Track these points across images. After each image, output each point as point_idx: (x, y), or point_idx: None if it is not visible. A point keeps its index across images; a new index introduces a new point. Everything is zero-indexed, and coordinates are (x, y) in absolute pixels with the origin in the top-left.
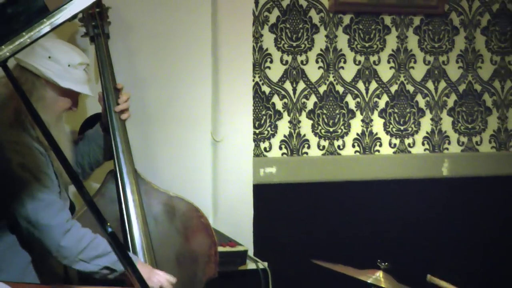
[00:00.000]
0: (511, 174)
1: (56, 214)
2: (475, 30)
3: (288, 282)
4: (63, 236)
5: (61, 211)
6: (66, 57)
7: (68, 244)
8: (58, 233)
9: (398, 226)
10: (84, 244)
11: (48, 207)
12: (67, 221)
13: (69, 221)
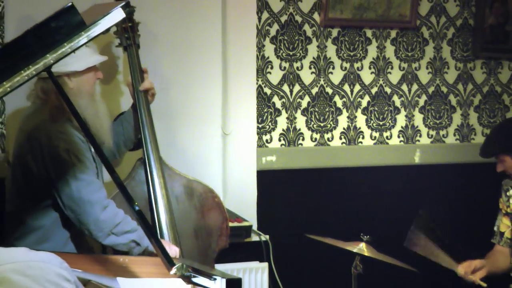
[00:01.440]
0: (472, 162)
1: (96, 191)
2: (442, 41)
3: (286, 252)
4: (102, 211)
5: (100, 189)
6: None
7: (106, 218)
8: (97, 208)
9: (378, 205)
10: (119, 219)
11: (89, 185)
12: (105, 198)
13: (107, 199)
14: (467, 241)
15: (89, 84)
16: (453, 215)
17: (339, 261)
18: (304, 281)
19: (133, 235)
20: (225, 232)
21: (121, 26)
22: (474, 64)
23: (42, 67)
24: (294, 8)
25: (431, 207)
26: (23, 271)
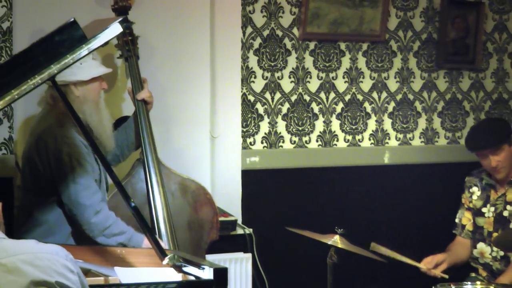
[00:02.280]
0: (435, 162)
1: (91, 196)
2: (409, 53)
3: (268, 244)
4: (94, 215)
5: (95, 194)
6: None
7: (97, 221)
8: (90, 211)
9: (350, 202)
10: (108, 223)
11: (86, 190)
12: (99, 202)
13: (101, 202)
14: (431, 233)
15: (94, 93)
16: (418, 210)
17: (316, 252)
18: (284, 270)
19: (121, 237)
20: (216, 225)
21: (122, 39)
22: (438, 74)
23: (46, 77)
24: (275, 23)
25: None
26: (32, 262)
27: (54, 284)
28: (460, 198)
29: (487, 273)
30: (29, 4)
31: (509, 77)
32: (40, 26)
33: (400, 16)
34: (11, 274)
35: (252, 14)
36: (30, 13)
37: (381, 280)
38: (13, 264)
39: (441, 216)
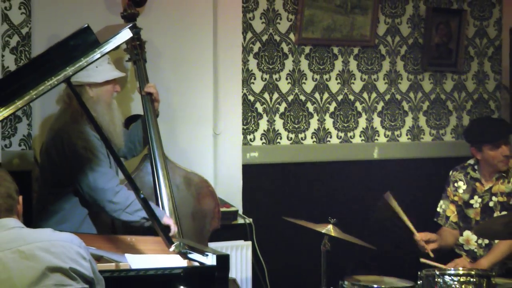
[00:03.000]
0: (421, 157)
1: (109, 180)
2: (396, 57)
3: (267, 233)
4: (114, 196)
5: (112, 179)
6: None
7: (118, 200)
8: (110, 193)
9: (343, 193)
10: (129, 201)
11: (103, 176)
12: (117, 185)
13: (118, 185)
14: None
15: (107, 94)
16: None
17: (311, 240)
18: (282, 257)
19: (143, 212)
20: (217, 215)
21: (131, 44)
22: (423, 76)
23: (62, 78)
24: (273, 29)
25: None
26: (48, 249)
27: (68, 270)
28: (443, 190)
29: (470, 260)
30: (46, 11)
31: (489, 79)
32: (56, 32)
33: (389, 22)
34: (28, 260)
35: (252, 21)
36: (47, 19)
37: (370, 266)
38: (30, 251)
39: (425, 206)
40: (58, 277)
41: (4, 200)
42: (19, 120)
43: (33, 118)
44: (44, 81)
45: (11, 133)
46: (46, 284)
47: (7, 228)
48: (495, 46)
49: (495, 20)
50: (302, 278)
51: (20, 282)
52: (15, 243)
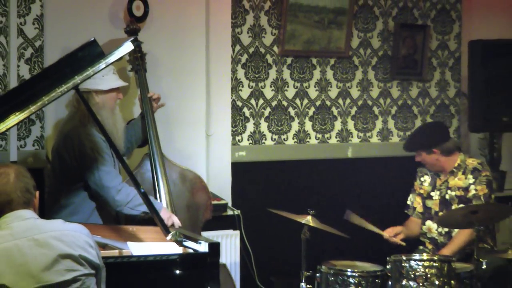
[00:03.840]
0: (390, 156)
1: (113, 179)
2: (368, 67)
3: (253, 223)
4: (117, 193)
5: (116, 177)
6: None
7: (120, 198)
8: (113, 191)
9: (320, 188)
10: (130, 197)
11: (108, 174)
12: (119, 183)
13: (121, 183)
14: (387, 213)
15: (111, 101)
16: (375, 195)
17: (292, 229)
18: (266, 244)
19: (143, 207)
20: (209, 207)
21: (133, 55)
22: (392, 84)
23: (71, 86)
24: (259, 42)
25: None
26: (60, 238)
27: (77, 257)
28: (410, 185)
29: (432, 246)
30: (57, 26)
31: (450, 87)
32: (66, 44)
33: (361, 36)
34: (42, 247)
35: (240, 35)
36: (58, 33)
37: (345, 253)
38: (44, 239)
39: (394, 200)
40: (68, 263)
41: (23, 194)
42: (33, 123)
43: (46, 121)
44: (55, 88)
45: (25, 135)
46: (58, 269)
47: (24, 219)
48: (455, 57)
49: (455, 34)
50: (284, 263)
51: (35, 267)
52: (30, 232)
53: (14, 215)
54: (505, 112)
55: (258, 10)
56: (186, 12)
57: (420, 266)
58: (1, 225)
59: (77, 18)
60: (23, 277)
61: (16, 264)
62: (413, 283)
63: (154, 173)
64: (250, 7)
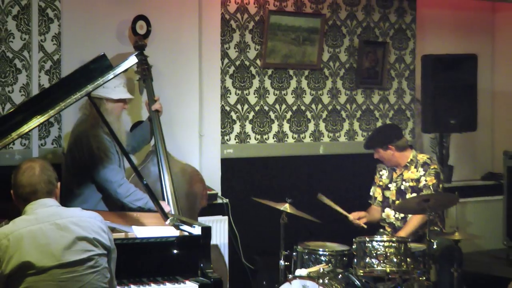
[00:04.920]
0: (355, 153)
1: (115, 175)
2: (337, 77)
3: (239, 210)
4: (118, 187)
5: (118, 173)
6: (111, 83)
7: (121, 192)
8: (115, 185)
9: (296, 179)
10: (129, 192)
11: (111, 171)
12: (121, 179)
13: (123, 179)
14: (353, 202)
15: (118, 109)
16: (343, 187)
17: (272, 215)
18: (250, 228)
19: (139, 202)
20: (205, 196)
21: (140, 67)
22: (356, 92)
23: (84, 93)
24: (244, 56)
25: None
26: (77, 223)
27: (92, 240)
28: (372, 178)
29: (391, 229)
30: (72, 43)
31: (406, 94)
32: (80, 58)
33: (331, 51)
34: (62, 231)
35: (228, 50)
36: (73, 48)
37: (317, 235)
38: (64, 224)
39: (358, 189)
40: (84, 244)
41: (46, 185)
42: (51, 125)
43: (63, 123)
44: (71, 95)
45: (45, 135)
46: (75, 249)
47: (47, 206)
48: (410, 69)
49: (410, 50)
50: (266, 244)
51: (56, 247)
52: (53, 217)
53: (39, 203)
54: (452, 116)
55: (243, 29)
56: (182, 30)
57: (381, 246)
58: (28, 211)
59: (89, 36)
60: (45, 255)
61: (40, 244)
62: (375, 260)
63: (159, 167)
64: (236, 26)
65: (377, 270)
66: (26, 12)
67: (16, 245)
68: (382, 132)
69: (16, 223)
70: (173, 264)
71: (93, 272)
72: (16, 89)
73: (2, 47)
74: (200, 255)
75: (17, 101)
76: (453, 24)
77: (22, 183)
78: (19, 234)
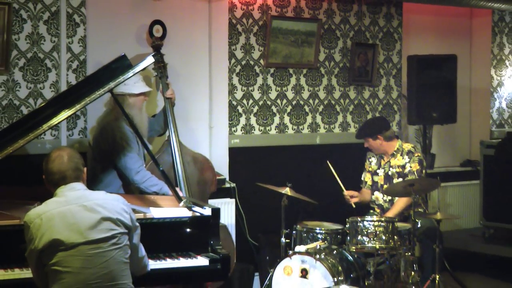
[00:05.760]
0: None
1: (134, 163)
2: (332, 75)
3: (245, 194)
4: (136, 174)
5: (137, 161)
6: (130, 80)
7: (138, 178)
8: (133, 172)
9: (296, 166)
10: (145, 178)
11: (131, 159)
12: (139, 166)
13: (140, 166)
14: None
15: (139, 102)
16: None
17: (275, 198)
18: (255, 209)
19: (154, 187)
20: (215, 182)
21: (157, 65)
22: (349, 88)
23: (107, 90)
24: (249, 57)
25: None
26: (102, 205)
27: (115, 220)
28: (363, 165)
29: (380, 210)
30: (96, 45)
31: (393, 90)
32: (103, 58)
33: (326, 52)
34: (89, 212)
35: (235, 51)
36: (97, 50)
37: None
38: (90, 205)
39: (351, 175)
40: (108, 224)
41: (74, 171)
42: (78, 117)
43: (88, 116)
44: (95, 91)
45: (73, 126)
46: (100, 228)
47: (75, 190)
48: (397, 68)
49: (397, 51)
50: (268, 223)
51: (83, 226)
52: (80, 200)
53: (68, 187)
54: (434, 110)
55: (249, 33)
56: (194, 34)
57: (371, 225)
58: (58, 194)
59: (111, 38)
60: (74, 233)
61: (69, 223)
62: (366, 238)
63: (173, 156)
64: (242, 30)
65: (368, 246)
66: (56, 17)
67: (48, 224)
68: (372, 124)
69: (48, 205)
70: (186, 241)
71: (116, 249)
72: (47, 86)
73: (34, 48)
74: (210, 234)
75: (48, 96)
76: (435, 28)
77: (53, 170)
78: (51, 214)
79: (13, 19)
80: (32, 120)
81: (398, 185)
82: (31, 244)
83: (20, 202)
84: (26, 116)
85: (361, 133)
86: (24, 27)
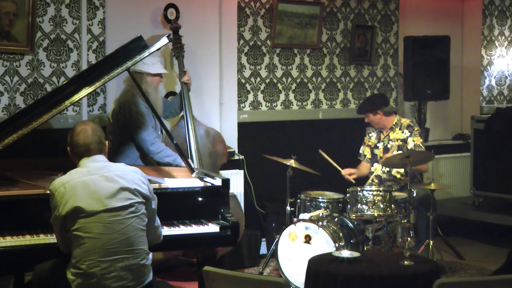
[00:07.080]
0: (348, 118)
1: (149, 135)
2: (333, 55)
3: (253, 165)
4: (151, 145)
5: (152, 134)
6: (150, 60)
7: (153, 148)
8: (148, 143)
9: (301, 139)
10: (160, 149)
11: (146, 131)
12: (154, 138)
13: (155, 138)
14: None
15: (155, 82)
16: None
17: (280, 169)
18: (262, 179)
19: (168, 158)
20: (226, 154)
21: (174, 45)
22: (350, 67)
23: (125, 68)
24: (257, 38)
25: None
26: (121, 176)
27: (133, 190)
28: (362, 139)
29: (378, 180)
30: (114, 26)
31: (390, 69)
32: (122, 39)
33: (328, 33)
34: (109, 182)
35: (243, 32)
36: (115, 31)
37: (316, 186)
38: (111, 176)
39: (350, 148)
40: (127, 194)
41: (97, 144)
42: (98, 94)
43: (107, 93)
44: (113, 70)
45: (93, 103)
46: (119, 197)
47: (97, 161)
48: (394, 48)
49: (394, 32)
50: (274, 193)
51: (103, 195)
52: (101, 170)
53: (91, 159)
54: (429, 87)
55: (256, 15)
56: (205, 16)
57: (370, 194)
58: (81, 165)
59: (129, 21)
60: (95, 201)
61: (91, 192)
62: (365, 206)
63: (186, 130)
64: (250, 13)
65: (367, 214)
66: (77, 1)
67: (71, 192)
68: (372, 100)
69: (71, 174)
70: (198, 210)
71: (134, 217)
72: (69, 65)
73: (57, 30)
74: (221, 202)
75: (70, 75)
76: (430, 11)
77: (78, 143)
78: (74, 183)
79: (38, 2)
80: (55, 97)
81: (395, 157)
82: (55, 210)
83: (44, 173)
84: (50, 93)
85: (362, 108)
86: (48, 10)
